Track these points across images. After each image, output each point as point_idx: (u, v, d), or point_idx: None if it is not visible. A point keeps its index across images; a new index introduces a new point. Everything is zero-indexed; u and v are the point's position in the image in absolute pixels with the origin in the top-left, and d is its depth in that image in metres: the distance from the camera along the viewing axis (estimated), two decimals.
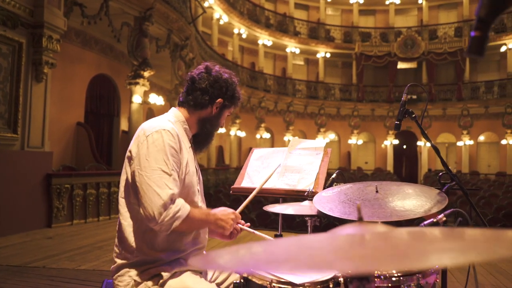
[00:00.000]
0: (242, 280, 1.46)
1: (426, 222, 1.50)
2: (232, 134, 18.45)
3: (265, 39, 21.05)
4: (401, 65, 22.87)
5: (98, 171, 8.51)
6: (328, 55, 22.72)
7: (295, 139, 2.32)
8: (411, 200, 1.62)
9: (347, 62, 23.45)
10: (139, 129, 1.56)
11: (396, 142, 22.14)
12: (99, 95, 10.72)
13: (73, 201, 6.88)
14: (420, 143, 21.59)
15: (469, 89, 20.96)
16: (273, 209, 1.82)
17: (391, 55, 21.80)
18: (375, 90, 22.74)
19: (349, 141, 22.32)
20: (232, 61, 19.02)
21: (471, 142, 20.65)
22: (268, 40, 21.13)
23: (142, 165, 1.45)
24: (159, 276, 1.47)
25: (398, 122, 1.78)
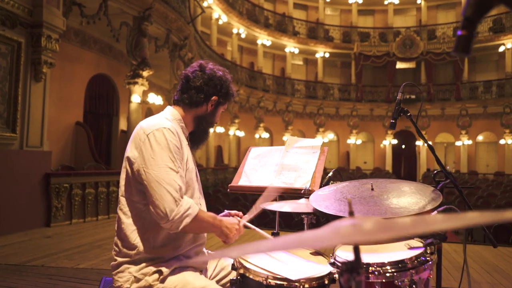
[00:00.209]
0: (238, 277, 1.48)
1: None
2: (231, 134, 18.45)
3: (264, 39, 21.07)
4: (399, 65, 22.91)
5: (97, 170, 8.52)
6: (327, 55, 22.75)
7: (292, 137, 2.34)
8: (406, 197, 1.64)
9: (346, 62, 23.48)
10: (138, 127, 1.57)
11: (395, 142, 22.18)
12: (98, 94, 10.73)
13: (72, 200, 6.89)
14: (419, 143, 21.62)
15: (468, 89, 21.01)
16: (270, 206, 1.84)
17: (390, 55, 21.84)
18: (374, 90, 22.78)
19: (348, 141, 22.35)
20: (231, 61, 19.03)
21: (470, 142, 20.70)
22: (267, 40, 21.15)
23: (148, 163, 1.46)
24: (159, 272, 1.48)
25: (393, 121, 1.79)
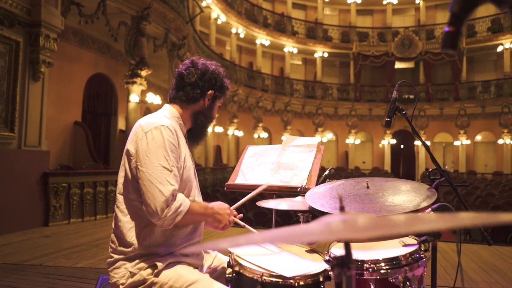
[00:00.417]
0: (234, 274, 1.49)
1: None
2: (229, 133, 18.45)
3: (263, 38, 21.07)
4: (398, 65, 22.94)
5: (95, 170, 8.52)
6: (326, 55, 22.76)
7: (289, 136, 2.36)
8: (401, 195, 1.65)
9: (345, 62, 23.50)
10: (136, 125, 1.58)
11: (394, 141, 22.20)
12: (97, 94, 10.72)
13: (70, 200, 6.89)
14: (418, 142, 21.64)
15: (466, 89, 21.04)
16: (266, 204, 1.85)
17: (388, 55, 21.86)
18: (372, 90, 22.80)
19: (347, 140, 22.37)
20: (230, 61, 19.03)
21: (468, 142, 20.73)
22: (266, 40, 21.15)
23: (143, 161, 1.47)
24: (154, 266, 1.50)
25: (388, 119, 1.80)
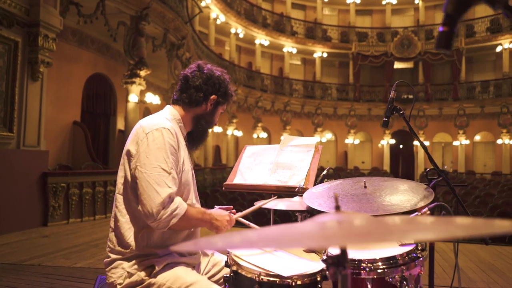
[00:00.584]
0: (231, 274, 1.49)
1: (410, 216, 1.53)
2: (229, 133, 18.45)
3: (262, 38, 21.07)
4: (397, 65, 22.94)
5: (94, 170, 8.51)
6: (325, 55, 22.77)
7: (287, 136, 2.36)
8: (398, 195, 1.65)
9: (344, 62, 23.50)
10: (137, 126, 1.58)
11: (393, 141, 22.21)
12: (96, 94, 10.72)
13: (69, 200, 6.89)
14: (417, 142, 21.64)
15: (465, 89, 21.06)
16: (264, 204, 1.85)
17: (387, 55, 21.87)
18: (371, 90, 22.81)
19: (346, 140, 22.37)
20: (229, 61, 19.03)
21: (467, 142, 20.75)
22: (265, 40, 21.15)
23: (142, 162, 1.47)
24: (151, 267, 1.50)
25: (386, 119, 1.81)
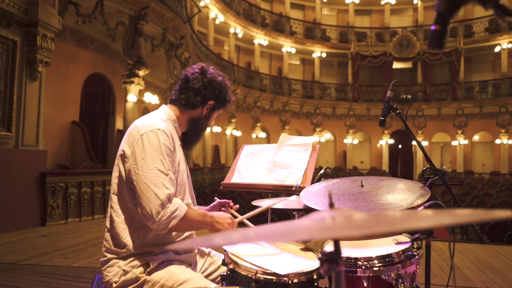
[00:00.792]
0: (228, 272, 1.49)
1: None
2: (228, 133, 18.46)
3: (261, 38, 21.08)
4: (396, 65, 22.96)
5: (93, 170, 8.50)
6: (324, 55, 22.78)
7: (285, 135, 2.36)
8: (395, 194, 1.65)
9: (343, 62, 23.52)
10: (132, 126, 1.57)
11: (392, 141, 22.23)
12: (94, 94, 10.71)
13: (67, 199, 6.88)
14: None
15: (464, 89, 21.09)
16: (262, 203, 1.85)
17: (386, 55, 21.89)
18: (370, 90, 22.83)
19: (345, 140, 22.39)
20: (228, 61, 19.03)
21: (466, 142, 20.78)
22: (264, 40, 21.16)
23: (139, 164, 1.47)
24: (146, 264, 1.51)
25: (382, 118, 1.81)
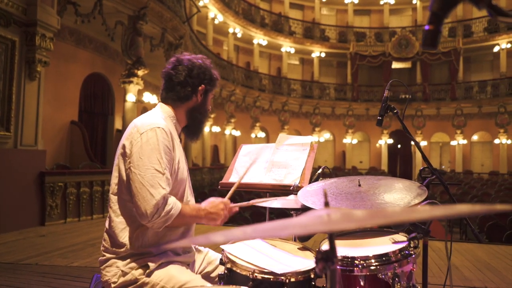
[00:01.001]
0: (226, 271, 1.50)
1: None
2: (227, 133, 18.46)
3: (260, 38, 21.08)
4: (395, 65, 22.99)
5: (92, 169, 8.50)
6: (323, 54, 22.80)
7: (283, 135, 2.37)
8: (392, 193, 1.66)
9: (342, 62, 23.54)
10: (131, 125, 1.57)
11: (391, 141, 22.25)
12: (93, 93, 10.71)
13: (66, 199, 6.88)
14: None
15: (463, 89, 21.12)
16: (260, 203, 1.86)
17: (385, 55, 21.91)
18: (369, 90, 22.85)
19: (344, 140, 22.41)
20: (227, 61, 19.03)
21: (465, 142, 20.81)
22: (263, 40, 21.16)
23: (136, 163, 1.47)
24: (146, 266, 1.51)
25: (380, 118, 1.82)
